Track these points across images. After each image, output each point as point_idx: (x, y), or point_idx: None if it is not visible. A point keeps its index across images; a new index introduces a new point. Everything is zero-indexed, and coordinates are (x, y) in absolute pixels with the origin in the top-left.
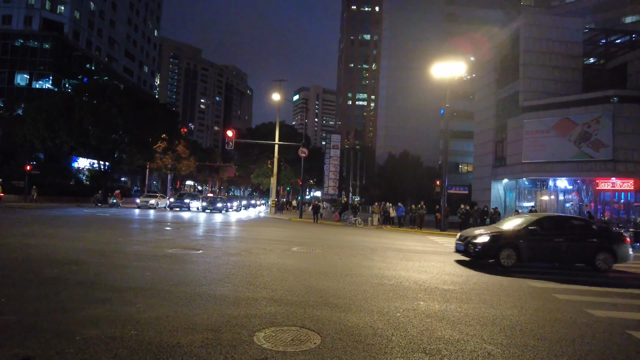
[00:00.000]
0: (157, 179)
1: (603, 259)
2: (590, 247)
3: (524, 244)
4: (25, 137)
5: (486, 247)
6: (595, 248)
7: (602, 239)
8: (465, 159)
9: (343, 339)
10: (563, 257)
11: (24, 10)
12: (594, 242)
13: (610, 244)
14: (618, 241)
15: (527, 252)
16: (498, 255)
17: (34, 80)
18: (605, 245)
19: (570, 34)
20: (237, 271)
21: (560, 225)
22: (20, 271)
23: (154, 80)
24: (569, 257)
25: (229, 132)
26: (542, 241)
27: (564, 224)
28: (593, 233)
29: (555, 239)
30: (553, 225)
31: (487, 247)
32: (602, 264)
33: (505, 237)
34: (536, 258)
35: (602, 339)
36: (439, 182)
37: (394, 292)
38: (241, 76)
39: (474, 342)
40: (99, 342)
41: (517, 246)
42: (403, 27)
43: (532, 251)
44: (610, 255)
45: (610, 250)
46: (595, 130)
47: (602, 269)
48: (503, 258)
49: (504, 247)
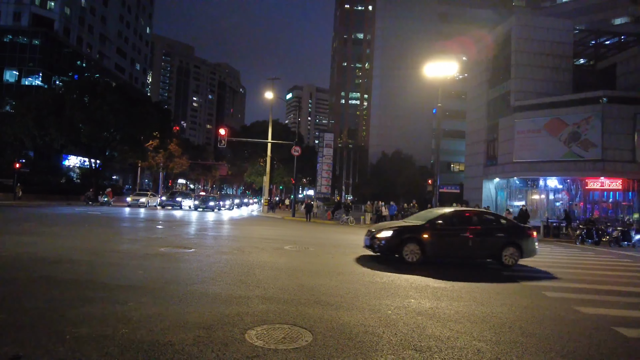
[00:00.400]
0: (149, 177)
1: (510, 254)
2: (497, 242)
3: (429, 239)
4: (15, 134)
5: (390, 241)
6: (502, 243)
7: (509, 234)
8: (457, 158)
9: (334, 337)
10: (469, 253)
11: (12, 5)
12: (501, 237)
13: (517, 239)
14: (524, 236)
15: (432, 247)
16: (402, 250)
17: (24, 76)
18: (512, 240)
19: (560, 35)
20: (230, 269)
21: (468, 219)
22: (10, 270)
23: (146, 78)
24: (476, 252)
25: (221, 131)
26: (448, 236)
27: (471, 219)
28: (501, 228)
29: (461, 233)
30: (460, 220)
31: (391, 241)
32: (508, 258)
33: (410, 231)
34: (442, 253)
35: (588, 336)
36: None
37: (386, 290)
38: (234, 74)
39: (464, 339)
40: (89, 340)
41: (421, 241)
42: (396, 27)
43: (437, 246)
44: (516, 250)
45: (517, 245)
46: (585, 130)
47: (508, 263)
48: (407, 253)
49: (408, 241)
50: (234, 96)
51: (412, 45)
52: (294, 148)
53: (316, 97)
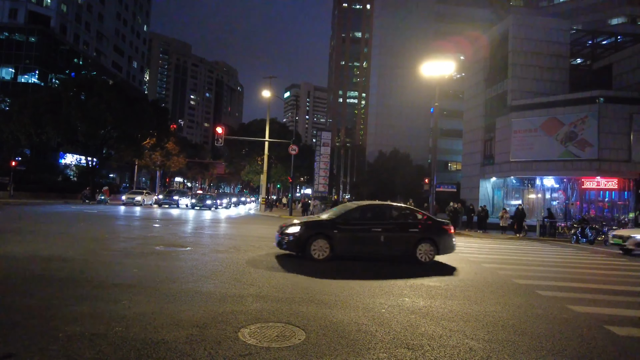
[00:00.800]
0: (146, 175)
1: (425, 250)
2: (412, 237)
3: (339, 235)
4: (11, 132)
5: (297, 237)
6: (417, 239)
7: (424, 229)
8: (455, 157)
9: (327, 335)
10: (382, 249)
11: (9, 2)
12: (415, 233)
13: (433, 235)
14: (441, 231)
15: (341, 244)
16: (309, 247)
17: (20, 74)
18: (427, 236)
19: (557, 34)
20: (225, 268)
21: (381, 214)
22: (3, 268)
23: (143, 76)
24: (389, 248)
25: (218, 129)
26: (359, 231)
27: (385, 213)
28: (416, 223)
29: (373, 228)
30: (374, 214)
31: (298, 237)
32: (423, 255)
33: (319, 226)
34: (352, 250)
35: (580, 334)
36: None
37: (380, 288)
38: (232, 72)
39: (457, 338)
40: (82, 338)
41: (330, 237)
42: (394, 26)
43: (347, 242)
44: (432, 246)
45: (432, 240)
46: (581, 129)
47: (424, 260)
48: (314, 250)
49: (317, 237)
50: (231, 94)
51: (409, 44)
52: (291, 147)
53: (314, 95)
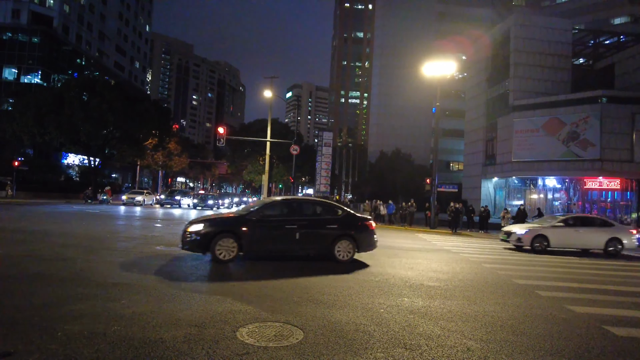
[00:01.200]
0: (149, 175)
1: (344, 248)
2: (330, 234)
3: (249, 232)
4: (14, 132)
5: (202, 235)
6: (335, 236)
7: (343, 226)
8: (457, 157)
9: (325, 335)
10: (297, 247)
11: (11, 3)
12: (334, 229)
13: (352, 231)
14: (361, 228)
15: (251, 242)
16: (214, 246)
17: (23, 74)
18: (346, 233)
19: (560, 34)
20: (224, 268)
21: (298, 209)
22: (4, 267)
23: (145, 76)
24: (305, 246)
25: (220, 129)
26: (272, 228)
27: (301, 208)
28: (334, 219)
29: (287, 225)
30: (289, 210)
31: (203, 235)
32: (342, 253)
33: (226, 223)
34: (263, 249)
35: (579, 334)
36: (429, 180)
37: (379, 288)
38: (233, 72)
39: (455, 338)
40: (81, 337)
41: (239, 235)
42: (395, 26)
43: (258, 240)
44: (352, 243)
45: (352, 237)
46: (583, 129)
47: (342, 259)
48: (220, 250)
49: (223, 236)
50: (233, 94)
51: (411, 44)
52: (292, 147)
53: (316, 95)
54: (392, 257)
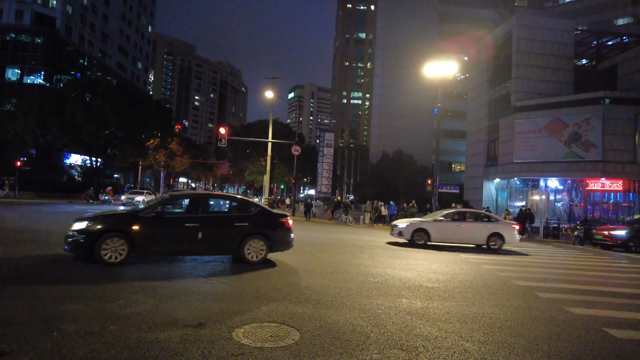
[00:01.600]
0: (151, 175)
1: (255, 247)
2: (239, 233)
3: (143, 231)
4: (17, 132)
5: (86, 234)
6: (245, 234)
7: (255, 223)
8: (459, 158)
9: (322, 336)
10: (199, 248)
11: (15, 4)
12: (243, 228)
13: (265, 229)
14: (275, 225)
15: (144, 242)
16: (99, 247)
17: (26, 75)
18: (259, 231)
19: (562, 35)
20: (223, 268)
21: (202, 206)
22: (1, 266)
23: (147, 77)
24: (208, 246)
25: (221, 130)
26: (169, 227)
27: (206, 204)
28: (245, 216)
29: (189, 223)
30: (191, 206)
31: (87, 234)
32: (253, 253)
33: (112, 221)
34: (160, 249)
35: (578, 336)
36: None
37: (378, 289)
38: (235, 73)
39: (452, 339)
40: (76, 337)
41: (131, 234)
42: (397, 26)
43: (152, 240)
44: (264, 242)
45: (264, 236)
46: (585, 131)
47: (253, 260)
48: (106, 251)
49: (108, 234)
50: (235, 95)
51: (413, 45)
52: (294, 147)
53: (318, 96)
54: (392, 258)
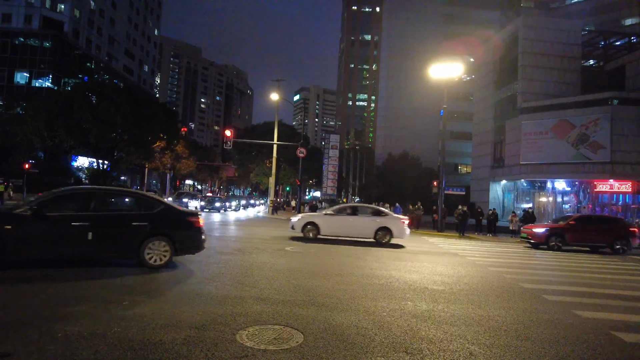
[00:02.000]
0: (157, 178)
1: (157, 250)
2: (137, 233)
3: (14, 231)
4: (25, 135)
5: None
6: (145, 235)
7: (157, 222)
8: (465, 159)
9: (326, 338)
10: (89, 250)
11: (23, 8)
12: (142, 227)
13: (169, 229)
14: (181, 224)
15: (20, 245)
16: None
17: (34, 78)
18: (160, 231)
19: (569, 36)
20: (228, 270)
21: (93, 203)
22: (7, 269)
23: (154, 79)
24: (100, 248)
25: (227, 132)
26: (51, 226)
27: (99, 202)
28: (147, 215)
29: (75, 222)
30: (80, 203)
31: None
32: (154, 256)
33: None
34: (40, 252)
35: (586, 340)
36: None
37: (383, 292)
38: (241, 75)
39: (457, 342)
40: (80, 338)
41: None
42: (403, 28)
43: (30, 242)
44: (168, 244)
45: (168, 237)
46: (593, 132)
47: (154, 264)
48: None
49: None
50: (241, 97)
51: (419, 46)
52: (299, 149)
53: (323, 98)
54: (397, 261)
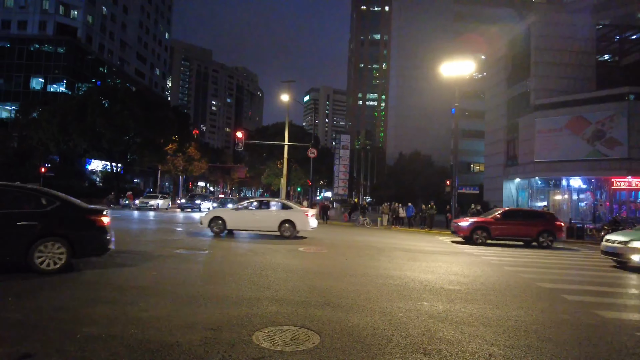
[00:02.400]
0: (170, 180)
1: (50, 253)
2: (25, 235)
3: None
4: (41, 139)
5: None
6: (35, 236)
7: (52, 222)
8: (477, 158)
9: (342, 339)
10: None
11: (38, 15)
12: (31, 226)
13: (65, 229)
14: (80, 223)
15: None
16: None
17: (49, 84)
18: (55, 231)
19: (583, 30)
20: (242, 271)
21: None
22: (23, 271)
23: (165, 83)
24: None
25: (238, 133)
26: None
27: None
28: (38, 213)
29: None
30: None
31: None
32: (48, 260)
33: None
34: None
35: (609, 341)
36: (449, 182)
37: (398, 292)
38: (252, 77)
39: (476, 343)
40: (98, 340)
41: None
42: (412, 27)
43: None
44: (64, 246)
45: (64, 237)
46: (609, 128)
47: (47, 269)
48: None
49: None
50: (251, 99)
51: (429, 44)
52: (310, 150)
53: (333, 98)
54: (411, 261)
